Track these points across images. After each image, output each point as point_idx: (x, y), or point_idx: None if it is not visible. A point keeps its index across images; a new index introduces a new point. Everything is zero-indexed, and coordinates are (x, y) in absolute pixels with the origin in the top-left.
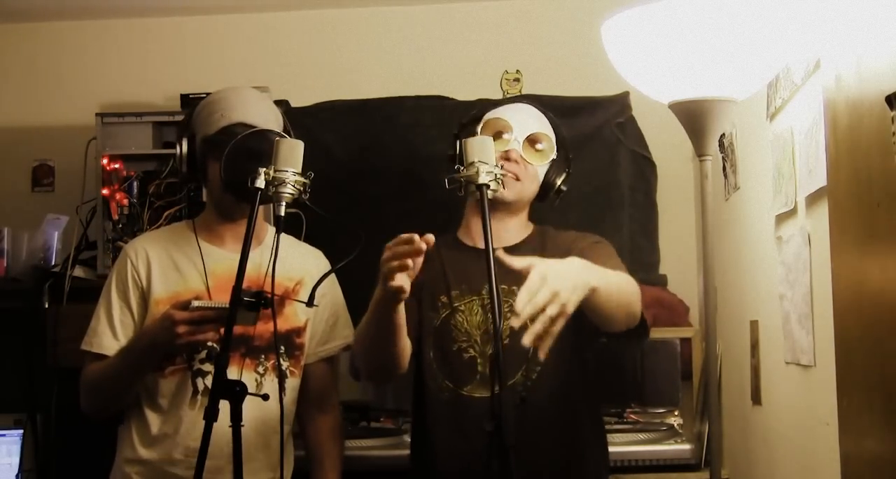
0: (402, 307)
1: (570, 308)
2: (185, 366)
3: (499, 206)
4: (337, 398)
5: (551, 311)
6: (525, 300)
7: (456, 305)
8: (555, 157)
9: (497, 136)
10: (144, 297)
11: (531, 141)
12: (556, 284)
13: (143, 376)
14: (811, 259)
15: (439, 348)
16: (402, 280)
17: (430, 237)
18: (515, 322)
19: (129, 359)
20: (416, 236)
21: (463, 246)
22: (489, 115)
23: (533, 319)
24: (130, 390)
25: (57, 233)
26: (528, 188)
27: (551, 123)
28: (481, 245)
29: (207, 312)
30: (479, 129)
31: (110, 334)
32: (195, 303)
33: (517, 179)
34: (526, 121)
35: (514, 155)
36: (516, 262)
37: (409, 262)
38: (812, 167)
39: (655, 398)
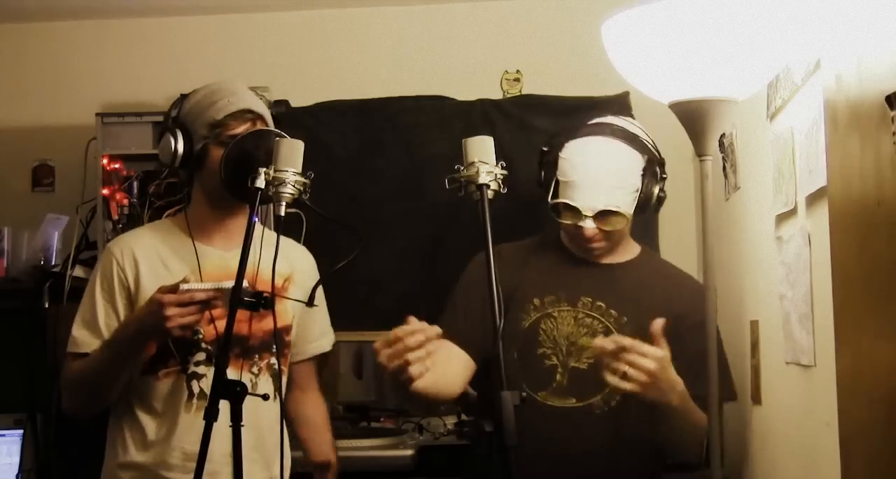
0: None
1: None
2: (179, 369)
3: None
4: (317, 386)
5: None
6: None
7: (549, 310)
8: (643, 176)
9: (568, 207)
10: (131, 298)
11: (603, 213)
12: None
13: (127, 368)
14: (811, 259)
15: (523, 350)
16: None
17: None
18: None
19: (114, 349)
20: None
21: (566, 252)
22: (562, 190)
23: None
24: (115, 386)
25: (57, 233)
26: (618, 236)
27: (635, 140)
28: (582, 254)
29: (197, 293)
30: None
31: (95, 335)
32: (184, 286)
33: (602, 243)
34: (592, 195)
35: (589, 232)
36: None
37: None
38: (812, 167)
39: None
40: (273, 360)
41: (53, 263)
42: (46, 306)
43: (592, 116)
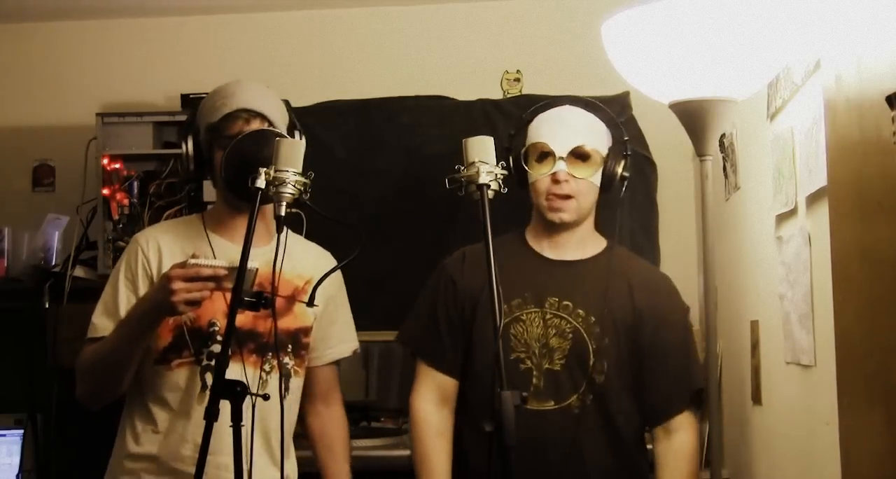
0: None
1: None
2: (193, 360)
3: (563, 226)
4: (340, 397)
5: None
6: None
7: (517, 314)
8: (609, 148)
9: (541, 158)
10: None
11: (576, 155)
12: None
13: (139, 350)
14: (811, 259)
15: (496, 356)
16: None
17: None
18: None
19: (126, 328)
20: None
21: (530, 251)
22: (532, 137)
23: None
24: (126, 371)
25: (57, 233)
26: (586, 200)
27: (599, 117)
28: (549, 254)
29: (204, 269)
30: (523, 152)
31: (115, 322)
32: (191, 261)
33: (569, 197)
34: (565, 134)
35: (561, 176)
36: None
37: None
38: (812, 167)
39: None
40: (286, 359)
41: (53, 263)
42: (46, 306)
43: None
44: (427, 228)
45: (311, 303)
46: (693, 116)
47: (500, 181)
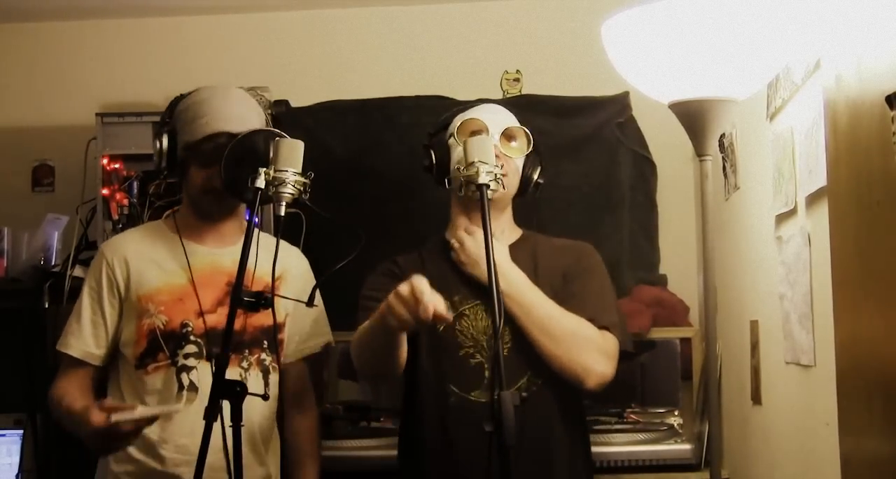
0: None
1: None
2: (169, 362)
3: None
4: (314, 399)
5: None
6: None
7: (461, 309)
8: (529, 151)
9: (473, 135)
10: (121, 298)
11: (507, 136)
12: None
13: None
14: (811, 259)
15: (445, 354)
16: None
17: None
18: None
19: (70, 428)
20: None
21: (453, 249)
22: (462, 116)
23: None
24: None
25: (57, 233)
26: (511, 183)
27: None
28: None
29: (125, 424)
30: (454, 131)
31: (79, 336)
32: (114, 418)
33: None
34: (497, 117)
35: (496, 152)
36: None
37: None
38: (812, 167)
39: (655, 398)
40: (263, 356)
41: (53, 263)
42: (46, 306)
43: (592, 115)
44: (427, 228)
45: (310, 303)
46: (693, 116)
47: (500, 181)
